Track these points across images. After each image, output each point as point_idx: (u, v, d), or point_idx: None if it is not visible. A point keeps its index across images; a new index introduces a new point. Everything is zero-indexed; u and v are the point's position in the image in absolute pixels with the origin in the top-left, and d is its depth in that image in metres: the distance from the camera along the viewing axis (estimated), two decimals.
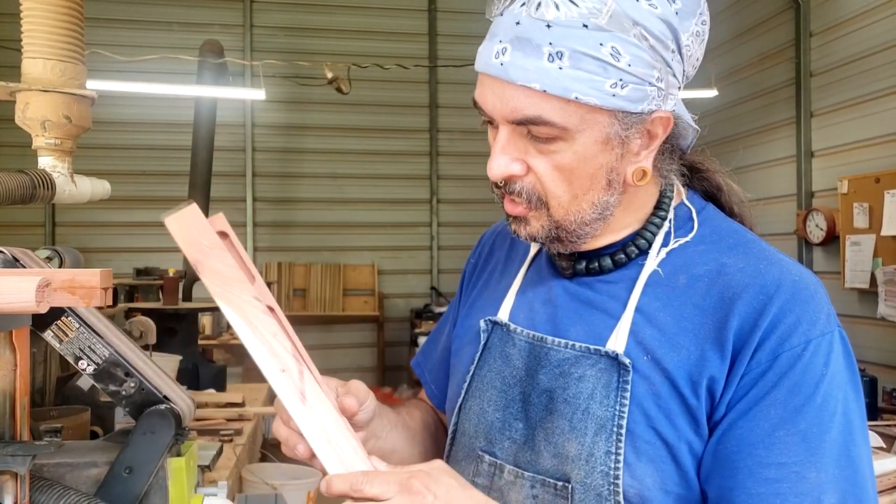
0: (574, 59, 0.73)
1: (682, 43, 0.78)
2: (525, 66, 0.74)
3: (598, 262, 0.88)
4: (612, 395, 0.80)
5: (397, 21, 7.53)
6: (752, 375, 0.77)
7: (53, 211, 6.83)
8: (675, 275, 0.84)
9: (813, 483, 0.74)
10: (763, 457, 0.75)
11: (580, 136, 0.77)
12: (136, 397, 1.00)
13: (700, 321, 0.80)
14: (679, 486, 0.79)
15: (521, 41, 0.75)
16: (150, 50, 5.58)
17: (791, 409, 0.75)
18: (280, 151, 7.34)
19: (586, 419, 0.81)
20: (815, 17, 5.57)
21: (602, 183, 0.81)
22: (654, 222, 0.87)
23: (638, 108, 0.77)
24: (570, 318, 0.88)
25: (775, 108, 5.98)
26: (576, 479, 0.81)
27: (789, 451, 0.75)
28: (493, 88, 0.78)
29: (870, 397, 4.08)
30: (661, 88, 0.78)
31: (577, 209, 0.82)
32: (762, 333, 0.77)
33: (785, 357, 0.76)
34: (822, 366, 0.76)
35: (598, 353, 0.83)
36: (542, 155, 0.79)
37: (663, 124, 0.81)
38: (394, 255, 7.60)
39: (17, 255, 0.96)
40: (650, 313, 0.83)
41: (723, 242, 0.86)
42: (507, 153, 0.80)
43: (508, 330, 0.92)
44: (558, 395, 0.84)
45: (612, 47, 0.73)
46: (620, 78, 0.74)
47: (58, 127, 1.23)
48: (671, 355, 0.80)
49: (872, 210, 4.83)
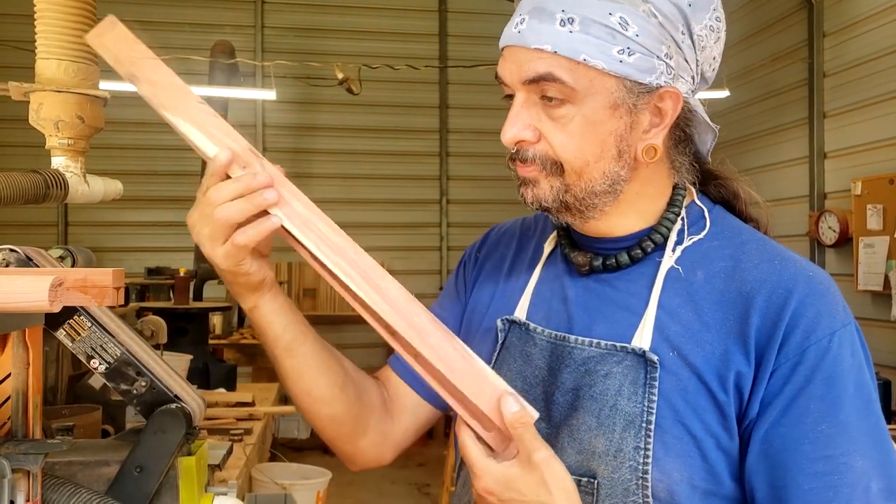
0: (584, 25, 0.78)
1: (693, 31, 0.82)
2: (539, 31, 0.79)
3: (616, 259, 0.88)
4: (640, 391, 0.81)
5: (408, 22, 7.53)
6: (783, 371, 0.78)
7: (66, 210, 6.87)
8: (692, 271, 0.85)
9: (860, 471, 0.76)
10: (810, 452, 0.77)
11: (589, 99, 0.80)
12: (147, 396, 1.01)
13: (721, 317, 0.82)
14: (706, 481, 0.80)
15: (538, 10, 0.80)
16: (161, 50, 5.55)
17: (829, 401, 0.77)
18: (291, 152, 7.36)
19: (614, 415, 0.82)
20: (828, 18, 5.54)
21: (612, 152, 0.83)
22: (668, 217, 0.88)
23: (646, 79, 0.80)
24: (592, 316, 0.88)
25: (788, 109, 5.94)
26: (602, 475, 0.81)
27: (834, 443, 0.77)
28: (512, 56, 0.83)
29: (883, 400, 4.04)
30: (669, 66, 0.81)
31: (589, 177, 0.83)
32: (785, 328, 0.78)
33: (813, 350, 0.78)
34: (849, 356, 0.79)
35: (624, 351, 0.83)
36: (553, 121, 0.82)
37: (672, 102, 0.83)
38: (404, 255, 7.60)
39: (31, 255, 0.97)
40: (672, 309, 0.84)
41: (735, 239, 0.87)
42: (520, 119, 0.83)
43: (528, 329, 0.92)
44: (584, 392, 0.84)
45: (620, 17, 0.78)
46: (628, 46, 0.78)
47: (71, 127, 1.24)
48: (696, 350, 0.81)
49: (886, 212, 4.79)
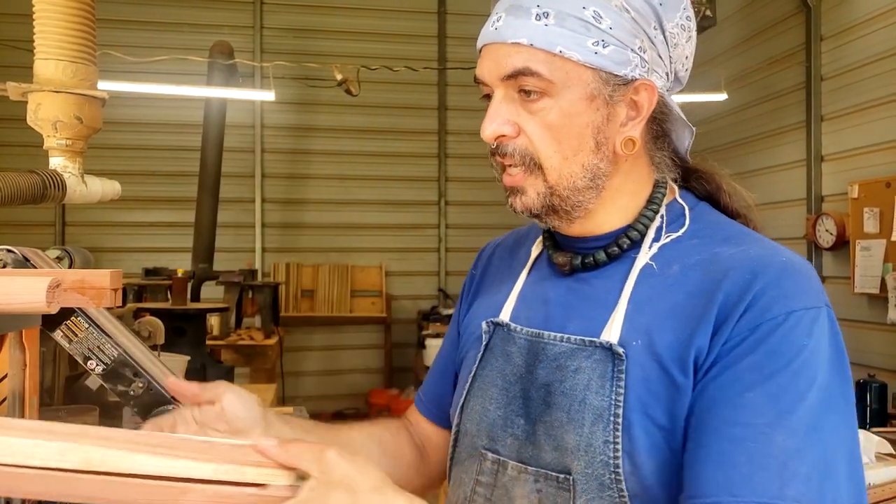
0: (559, 19, 0.81)
1: (665, 28, 0.85)
2: (515, 26, 0.82)
3: (594, 257, 0.89)
4: (608, 384, 0.81)
5: (407, 23, 7.53)
6: (732, 343, 0.77)
7: (64, 211, 6.86)
8: (668, 266, 0.85)
9: (780, 447, 0.71)
10: (729, 416, 0.74)
11: (566, 92, 0.82)
12: (145, 397, 1.00)
13: (691, 304, 0.81)
14: (678, 474, 0.78)
15: (514, 7, 0.83)
16: (160, 51, 5.60)
17: (766, 373, 0.74)
18: (289, 153, 7.36)
19: (583, 410, 0.82)
20: (825, 21, 5.55)
21: (590, 144, 0.84)
22: (646, 215, 0.89)
23: (621, 70, 0.82)
24: (568, 314, 0.89)
25: (785, 112, 5.95)
26: (576, 471, 0.81)
27: (758, 412, 0.73)
28: (489, 55, 0.85)
29: (879, 403, 4.04)
30: (644, 59, 0.83)
31: (570, 172, 0.85)
32: (746, 305, 0.77)
33: (766, 326, 0.76)
34: (804, 336, 0.75)
35: (592, 345, 0.84)
36: (532, 115, 0.84)
37: (648, 94, 0.84)
38: (401, 256, 7.60)
39: (28, 255, 0.97)
40: (643, 302, 0.84)
41: (716, 235, 0.87)
42: (500, 114, 0.85)
43: (509, 329, 0.93)
44: (556, 388, 0.85)
45: (594, 11, 0.81)
46: (602, 38, 0.81)
47: (69, 127, 1.24)
48: (661, 339, 0.81)
49: (883, 215, 4.80)
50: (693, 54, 0.91)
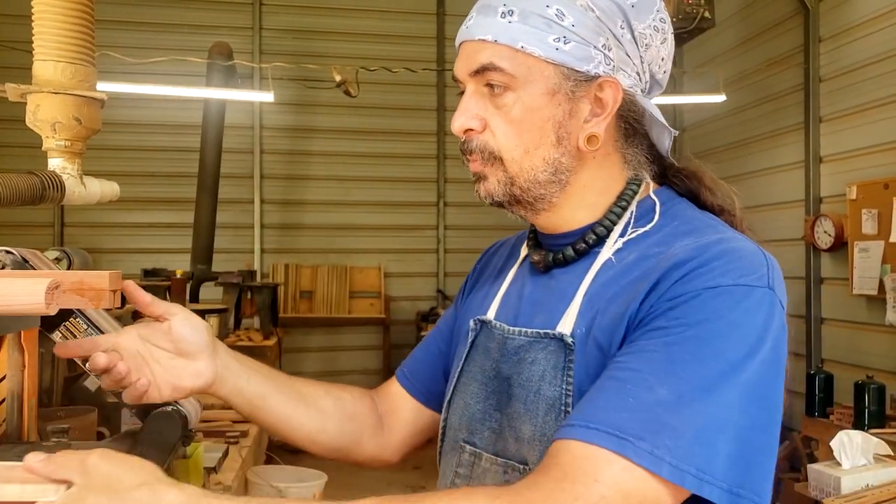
0: (523, 16, 0.84)
1: (635, 28, 0.87)
2: (483, 24, 0.87)
3: (563, 253, 0.91)
4: (560, 375, 0.83)
5: (406, 24, 7.53)
6: (653, 310, 0.77)
7: (62, 212, 6.86)
8: (625, 258, 0.87)
9: (659, 399, 0.70)
10: (623, 362, 0.75)
11: (528, 86, 0.85)
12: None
13: (634, 287, 0.81)
14: None
15: (484, 7, 0.88)
16: (159, 52, 5.61)
17: (672, 333, 0.74)
18: (288, 153, 7.36)
19: (538, 400, 0.84)
20: (823, 23, 5.55)
21: (551, 138, 0.86)
22: (614, 211, 0.90)
23: (583, 67, 0.85)
24: (535, 309, 0.92)
25: (783, 114, 5.95)
26: (532, 461, 0.84)
27: (651, 364, 0.73)
28: (463, 52, 0.90)
29: (878, 405, 4.04)
30: (608, 56, 0.85)
31: (530, 165, 0.87)
32: (675, 279, 0.77)
33: (687, 296, 0.76)
34: (725, 309, 0.74)
35: (547, 337, 0.86)
36: (498, 110, 0.87)
37: (612, 91, 0.86)
38: (400, 257, 7.60)
39: (27, 256, 0.97)
40: (597, 293, 0.85)
41: (682, 229, 0.86)
42: (468, 109, 0.89)
43: (491, 326, 0.96)
44: (514, 380, 0.88)
45: (557, 9, 0.84)
46: (564, 35, 0.84)
47: (68, 129, 1.24)
48: (602, 323, 0.82)
49: (881, 216, 4.80)
50: (671, 56, 0.93)
